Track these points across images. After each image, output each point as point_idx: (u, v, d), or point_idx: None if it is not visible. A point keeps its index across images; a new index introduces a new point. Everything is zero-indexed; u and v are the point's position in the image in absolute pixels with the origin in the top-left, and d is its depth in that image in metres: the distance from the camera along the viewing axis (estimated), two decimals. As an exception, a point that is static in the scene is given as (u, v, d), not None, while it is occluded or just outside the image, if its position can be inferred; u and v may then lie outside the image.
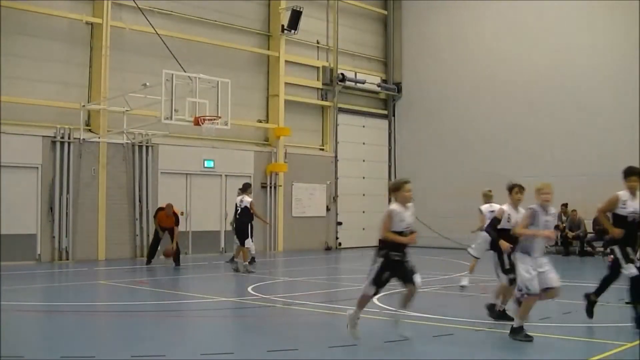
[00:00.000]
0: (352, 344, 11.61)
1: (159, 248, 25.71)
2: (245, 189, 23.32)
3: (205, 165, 30.06)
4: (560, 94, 32.35)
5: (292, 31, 32.77)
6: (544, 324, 13.32)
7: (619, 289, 19.73)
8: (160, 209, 25.70)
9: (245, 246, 22.36)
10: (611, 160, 30.43)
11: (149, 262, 25.29)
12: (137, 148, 28.01)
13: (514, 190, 14.38)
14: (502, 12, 34.78)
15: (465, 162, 35.26)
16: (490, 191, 18.96)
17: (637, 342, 11.42)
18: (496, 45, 34.73)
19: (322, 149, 35.36)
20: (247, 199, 22.71)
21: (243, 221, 22.51)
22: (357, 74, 36.48)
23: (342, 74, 35.33)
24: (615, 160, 30.06)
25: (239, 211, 22.76)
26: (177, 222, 25.07)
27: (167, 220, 25.06)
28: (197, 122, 24.21)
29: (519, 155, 33.41)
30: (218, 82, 25.09)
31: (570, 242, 30.93)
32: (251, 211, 22.67)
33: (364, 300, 11.97)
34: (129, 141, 27.73)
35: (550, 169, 32.29)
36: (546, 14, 33.10)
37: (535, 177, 32.49)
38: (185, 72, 25.38)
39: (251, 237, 22.62)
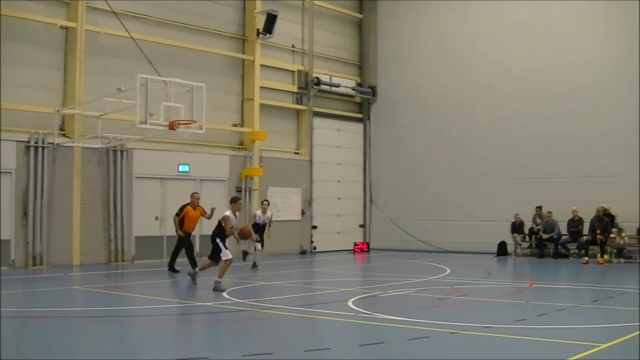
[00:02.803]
0: (327, 348, 11.65)
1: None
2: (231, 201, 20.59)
3: (180, 170, 30.01)
4: (538, 97, 32.54)
5: (268, 35, 32.79)
6: (520, 326, 13.41)
7: (594, 290, 19.97)
8: (184, 206, 23.98)
9: (223, 259, 19.58)
10: (587, 163, 30.88)
11: (172, 268, 24.16)
12: (111, 153, 27.93)
13: None
14: (479, 15, 34.95)
15: (440, 165, 35.41)
16: None
17: (613, 343, 11.51)
18: (473, 48, 34.92)
19: (297, 153, 35.39)
20: (225, 213, 20.04)
21: (212, 234, 20.00)
22: (333, 77, 36.56)
23: (317, 77, 35.38)
24: (591, 163, 30.52)
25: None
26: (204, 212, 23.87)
27: (194, 215, 23.81)
28: (171, 127, 24.16)
29: (495, 158, 33.64)
30: (193, 86, 25.06)
31: (545, 244, 31.07)
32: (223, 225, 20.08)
33: None
34: (103, 146, 27.65)
35: (525, 171, 32.61)
36: (525, 15, 33.33)
37: (510, 179, 33.00)
38: (160, 76, 25.34)
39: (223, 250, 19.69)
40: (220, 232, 19.55)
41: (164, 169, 29.53)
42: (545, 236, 30.94)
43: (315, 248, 35.24)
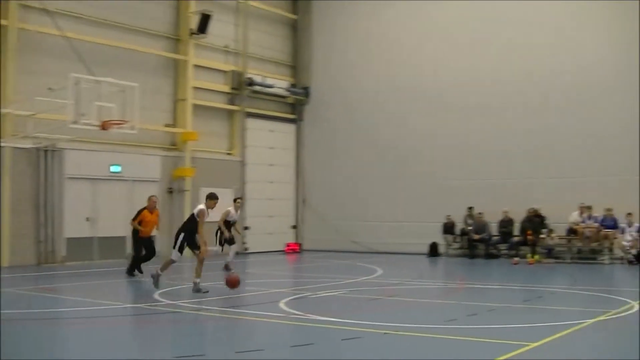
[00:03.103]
0: (258, 349, 11.67)
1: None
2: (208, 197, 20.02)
3: (112, 170, 29.77)
4: (466, 100, 33.03)
5: (201, 35, 32.67)
6: (451, 326, 13.59)
7: (524, 290, 20.26)
8: (142, 209, 23.51)
9: (171, 257, 19.31)
10: (516, 164, 31.29)
11: (132, 273, 23.14)
12: (42, 153, 27.59)
13: None
14: (412, 16, 35.28)
15: (373, 167, 35.62)
16: None
17: (542, 342, 11.71)
18: (406, 50, 35.23)
19: (230, 154, 35.28)
20: (200, 206, 19.50)
21: (180, 229, 19.48)
22: (266, 78, 36.50)
23: (250, 78, 35.32)
24: (520, 165, 30.89)
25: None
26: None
27: (151, 219, 23.29)
28: (104, 127, 24.00)
29: (426, 160, 33.94)
30: (125, 86, 24.91)
31: (476, 244, 31.41)
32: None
33: None
34: (34, 146, 27.31)
35: (456, 173, 32.94)
36: (458, 16, 33.91)
37: (441, 181, 33.24)
38: (92, 75, 25.14)
39: (176, 247, 19.06)
40: (188, 227, 19.02)
41: (96, 170, 29.25)
42: (476, 237, 31.33)
43: (247, 249, 35.12)
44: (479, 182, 32.39)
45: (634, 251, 27.84)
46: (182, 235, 18.97)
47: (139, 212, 23.40)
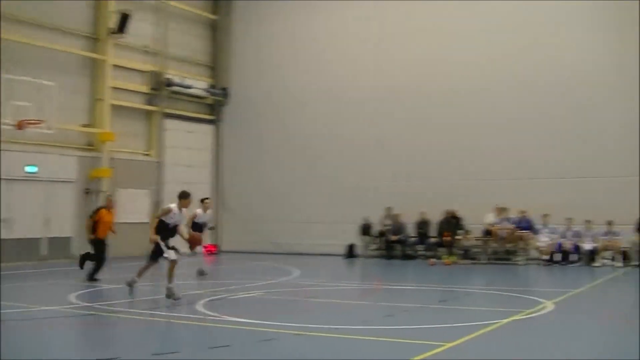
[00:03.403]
0: (175, 351, 11.66)
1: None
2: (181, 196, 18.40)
3: (27, 171, 29.33)
4: (389, 103, 33.26)
5: (120, 34, 32.40)
6: (366, 327, 13.71)
7: (440, 290, 20.50)
8: (99, 208, 22.81)
9: (169, 258, 17.66)
10: (435, 166, 31.53)
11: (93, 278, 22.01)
12: (-46, 153, 27.17)
13: None
14: (334, 17, 35.53)
15: (290, 167, 35.69)
16: None
17: (458, 342, 11.87)
18: (327, 51, 35.42)
19: (148, 154, 35.03)
20: (170, 205, 18.18)
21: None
22: (185, 79, 36.31)
23: (169, 78, 35.14)
24: (439, 166, 31.17)
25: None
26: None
27: (109, 219, 22.51)
28: (19, 126, 23.70)
29: (345, 162, 34.10)
30: (42, 85, 24.62)
31: (393, 245, 31.63)
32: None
33: None
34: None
35: (373, 174, 33.15)
36: (384, 18, 34.15)
37: (358, 182, 33.37)
38: (8, 74, 24.80)
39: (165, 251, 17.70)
40: (162, 229, 17.68)
41: (10, 170, 28.71)
42: (393, 238, 31.58)
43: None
44: (396, 184, 32.63)
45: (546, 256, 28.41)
46: (159, 238, 17.67)
47: (96, 211, 22.55)
